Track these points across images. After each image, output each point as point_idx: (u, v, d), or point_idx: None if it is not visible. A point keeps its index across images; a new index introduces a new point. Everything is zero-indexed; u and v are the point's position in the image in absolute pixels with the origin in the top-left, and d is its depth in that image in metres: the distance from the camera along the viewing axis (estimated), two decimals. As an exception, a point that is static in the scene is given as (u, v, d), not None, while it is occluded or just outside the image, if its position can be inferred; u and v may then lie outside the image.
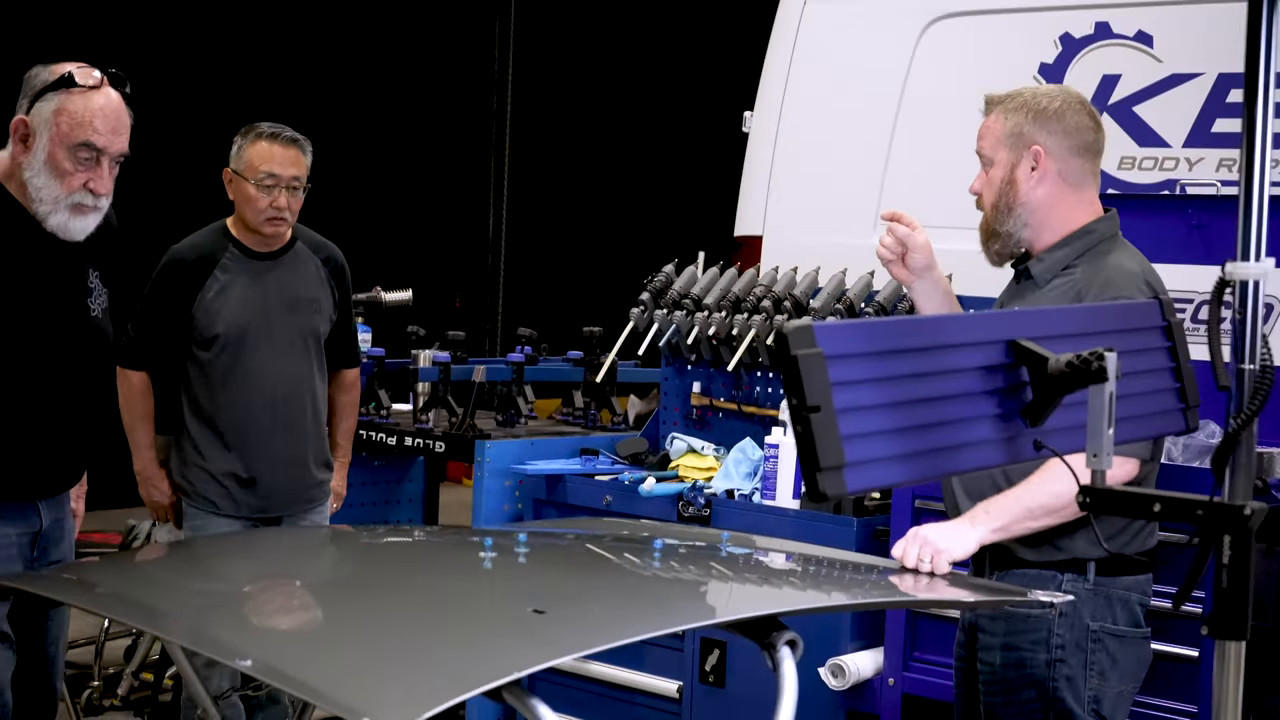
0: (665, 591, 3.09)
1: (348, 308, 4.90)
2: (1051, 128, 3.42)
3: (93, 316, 3.72)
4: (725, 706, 4.58)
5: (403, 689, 2.23)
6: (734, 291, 5.09)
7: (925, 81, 5.88)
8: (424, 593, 3.02)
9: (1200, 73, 5.33)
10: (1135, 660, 3.41)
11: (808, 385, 2.11)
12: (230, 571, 3.38)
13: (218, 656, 2.45)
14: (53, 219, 3.55)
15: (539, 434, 5.46)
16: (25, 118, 3.52)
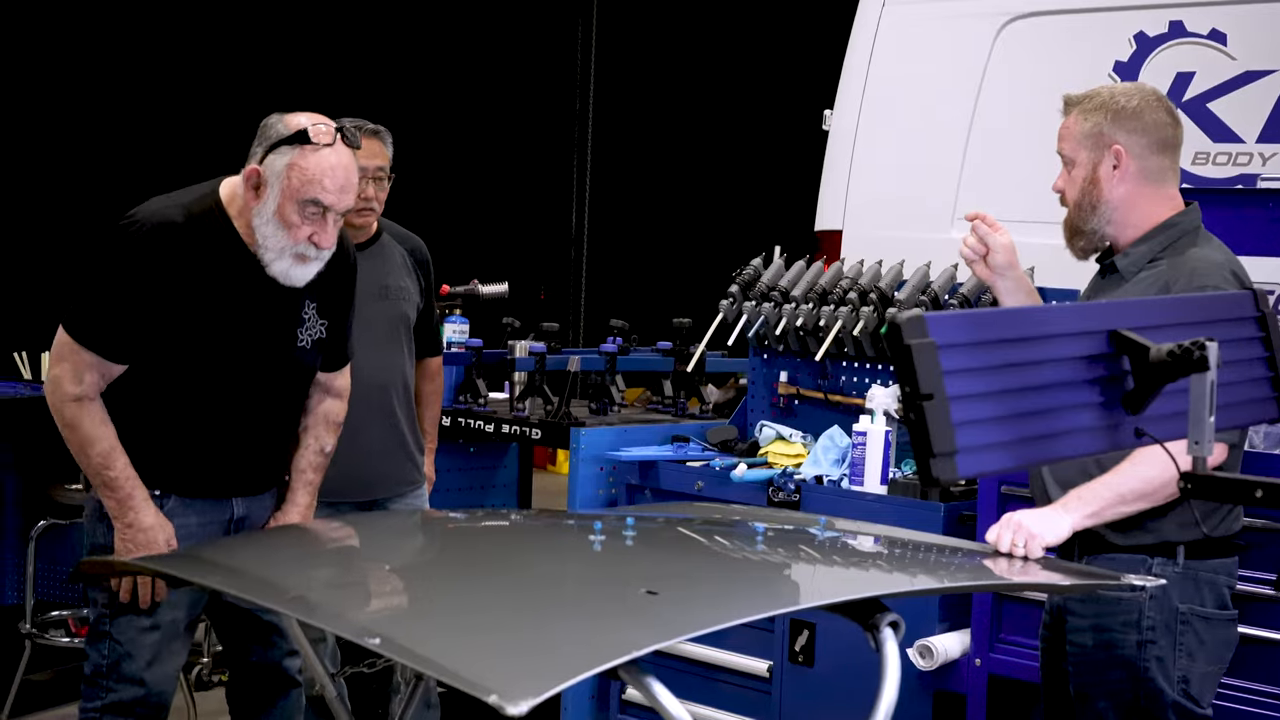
0: (771, 574, 3.10)
1: (431, 297, 4.91)
2: (1130, 126, 3.40)
3: (299, 346, 3.74)
4: (814, 686, 4.58)
5: (526, 667, 2.25)
6: (820, 284, 5.08)
7: (1002, 79, 5.87)
8: (539, 575, 3.03)
9: (1273, 70, 5.31)
10: (1222, 642, 3.39)
11: (921, 374, 2.12)
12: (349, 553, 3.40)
13: (348, 634, 2.46)
14: (275, 266, 3.56)
15: (630, 422, 5.47)
16: (259, 168, 3.52)
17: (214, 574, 2.97)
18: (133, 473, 3.56)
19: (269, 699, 4.00)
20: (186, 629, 3.77)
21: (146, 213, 3.58)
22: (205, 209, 3.61)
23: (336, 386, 3.97)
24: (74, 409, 3.52)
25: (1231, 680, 3.75)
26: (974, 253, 3.58)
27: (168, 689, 3.76)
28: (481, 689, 2.12)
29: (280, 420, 3.83)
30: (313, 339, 3.77)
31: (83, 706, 3.74)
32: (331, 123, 3.60)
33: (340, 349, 3.93)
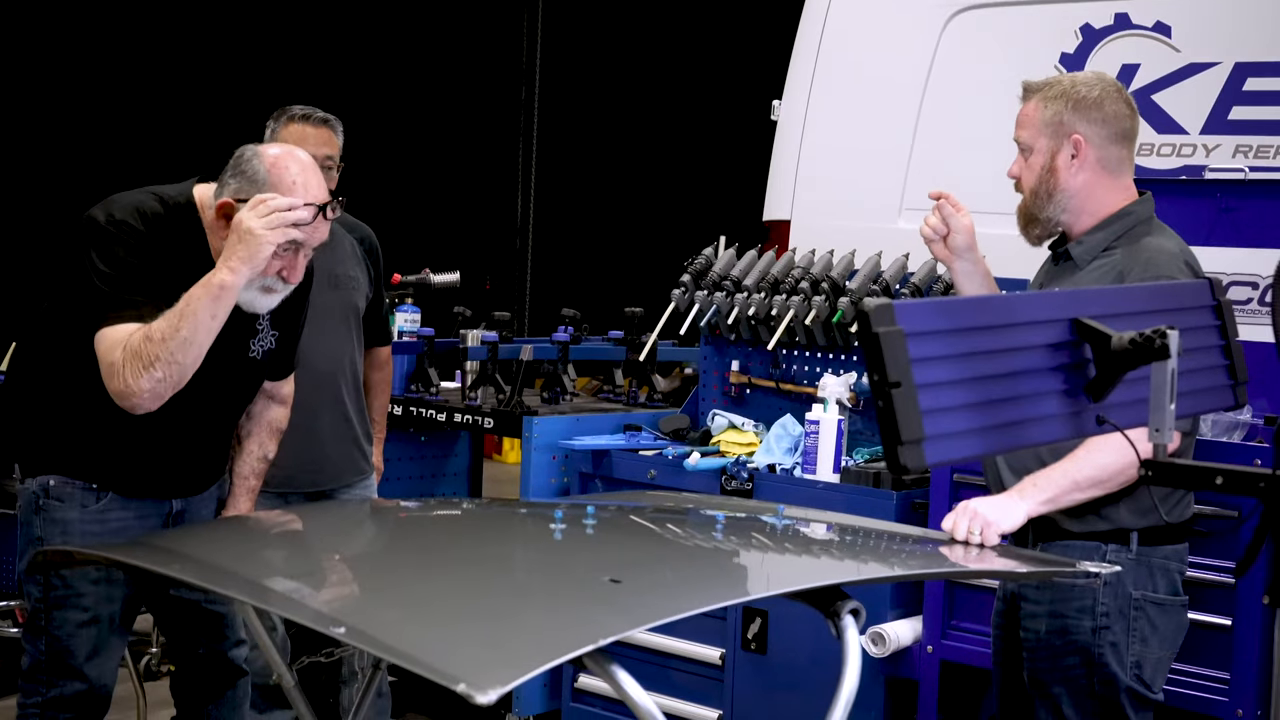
0: (733, 561, 3.10)
1: (380, 287, 4.89)
2: (1091, 116, 3.41)
3: (250, 356, 3.70)
4: (767, 673, 4.60)
5: (494, 655, 2.24)
6: (772, 273, 5.10)
7: (949, 71, 5.89)
8: (500, 563, 3.03)
9: (1218, 62, 5.34)
10: (1174, 627, 3.41)
11: (889, 361, 2.11)
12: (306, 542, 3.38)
13: (313, 624, 2.44)
14: (241, 295, 3.47)
15: (583, 410, 5.47)
16: (231, 200, 3.45)
17: (174, 563, 2.94)
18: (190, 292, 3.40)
19: (217, 689, 3.96)
20: (124, 621, 3.74)
21: (123, 204, 3.52)
22: (179, 206, 3.56)
23: (282, 394, 3.94)
24: (149, 375, 3.36)
25: (1181, 665, 3.78)
26: (935, 233, 3.58)
27: (109, 681, 3.73)
28: (449, 678, 2.11)
29: (224, 425, 3.81)
30: (264, 349, 3.74)
31: (21, 703, 3.71)
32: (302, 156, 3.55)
33: (288, 358, 3.90)
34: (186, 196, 3.58)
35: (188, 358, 3.37)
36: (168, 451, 3.68)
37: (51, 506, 3.62)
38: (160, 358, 3.34)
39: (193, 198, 3.58)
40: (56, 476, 3.64)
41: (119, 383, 3.37)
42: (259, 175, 3.47)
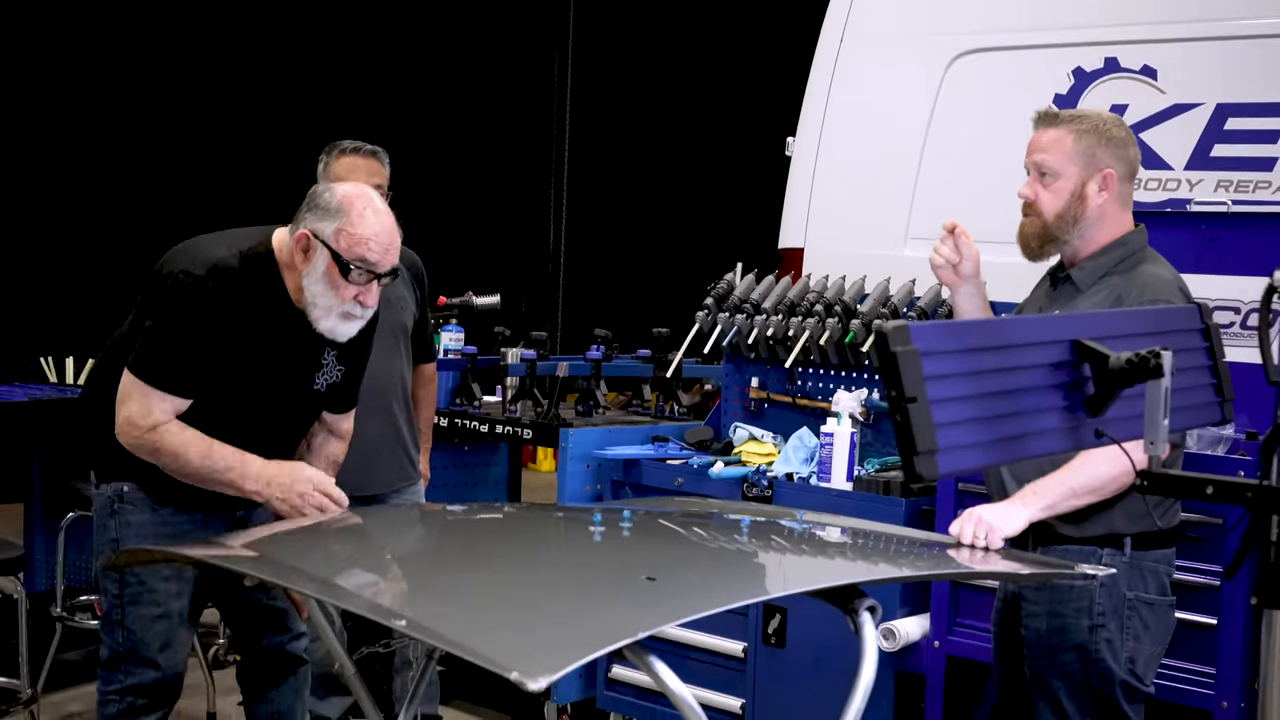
0: (758, 562, 3.12)
1: (426, 308, 4.91)
2: (1119, 154, 3.42)
3: (314, 389, 3.73)
4: (785, 665, 4.60)
5: (543, 646, 2.26)
6: (789, 297, 5.11)
7: (951, 110, 5.90)
8: (545, 562, 3.05)
9: (1201, 103, 5.35)
10: (1164, 625, 3.42)
11: (905, 379, 2.13)
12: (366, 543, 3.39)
13: (377, 617, 2.46)
14: (323, 323, 3.53)
15: (614, 423, 5.48)
16: (308, 232, 3.48)
17: (247, 561, 2.96)
18: (233, 451, 3.51)
19: (278, 677, 4.00)
20: (193, 615, 3.77)
21: (206, 258, 3.54)
22: (258, 257, 3.58)
23: (341, 429, 3.94)
24: (151, 437, 3.48)
25: (1170, 660, 3.78)
26: (946, 260, 3.59)
27: (181, 670, 3.76)
28: (503, 667, 2.13)
29: (285, 448, 3.81)
30: (327, 383, 3.76)
31: (101, 690, 3.75)
32: (371, 192, 3.59)
33: (351, 393, 3.89)
34: (265, 245, 3.60)
35: (179, 473, 3.53)
36: None
37: (125, 510, 3.66)
38: (158, 458, 3.51)
39: (270, 245, 3.60)
40: (130, 483, 3.67)
41: (119, 429, 3.52)
42: (331, 205, 3.51)
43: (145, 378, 3.50)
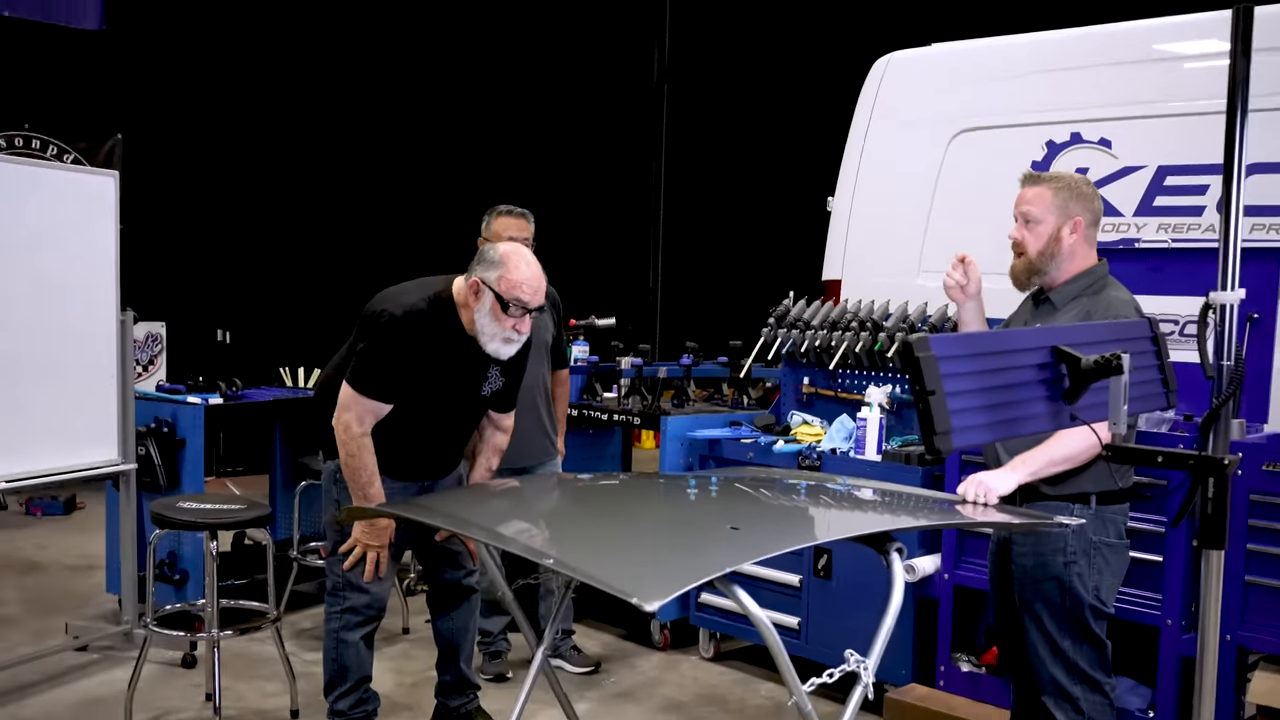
0: (814, 514, 3.11)
1: (561, 328, 4.93)
2: (1087, 205, 3.37)
3: (481, 394, 3.77)
4: (831, 593, 4.59)
5: (655, 578, 2.27)
6: (831, 316, 5.09)
7: (953, 173, 5.87)
8: (653, 515, 3.06)
9: (1145, 165, 5.29)
10: (1121, 562, 3.37)
11: (927, 377, 2.13)
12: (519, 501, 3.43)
13: (531, 556, 2.49)
14: (490, 345, 3.59)
15: (700, 412, 5.48)
16: (478, 280, 3.55)
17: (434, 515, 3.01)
18: (369, 480, 3.61)
19: (456, 602, 4.04)
20: (395, 555, 3.82)
21: (402, 303, 3.61)
22: (441, 300, 3.64)
23: (504, 425, 3.96)
24: (359, 443, 3.58)
25: (1127, 589, 3.74)
26: (957, 283, 3.55)
27: (385, 596, 3.82)
28: (626, 593, 2.15)
29: (459, 436, 3.88)
30: (492, 390, 3.80)
31: (328, 610, 3.83)
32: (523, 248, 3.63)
33: (510, 397, 3.91)
34: (446, 291, 3.65)
35: (344, 464, 3.65)
36: (420, 452, 3.78)
37: (344, 480, 3.72)
38: (344, 449, 3.63)
39: (450, 290, 3.66)
40: None
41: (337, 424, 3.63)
42: (495, 259, 3.57)
43: (358, 388, 3.58)
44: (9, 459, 4.42)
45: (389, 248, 10.10)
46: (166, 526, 4.15)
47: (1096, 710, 3.34)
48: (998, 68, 5.87)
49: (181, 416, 5.28)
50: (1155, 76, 5.31)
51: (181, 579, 5.20)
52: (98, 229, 4.75)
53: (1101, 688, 3.35)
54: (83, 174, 4.99)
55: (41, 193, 4.55)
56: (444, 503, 3.25)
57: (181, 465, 5.25)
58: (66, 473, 4.65)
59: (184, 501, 4.30)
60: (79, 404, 4.69)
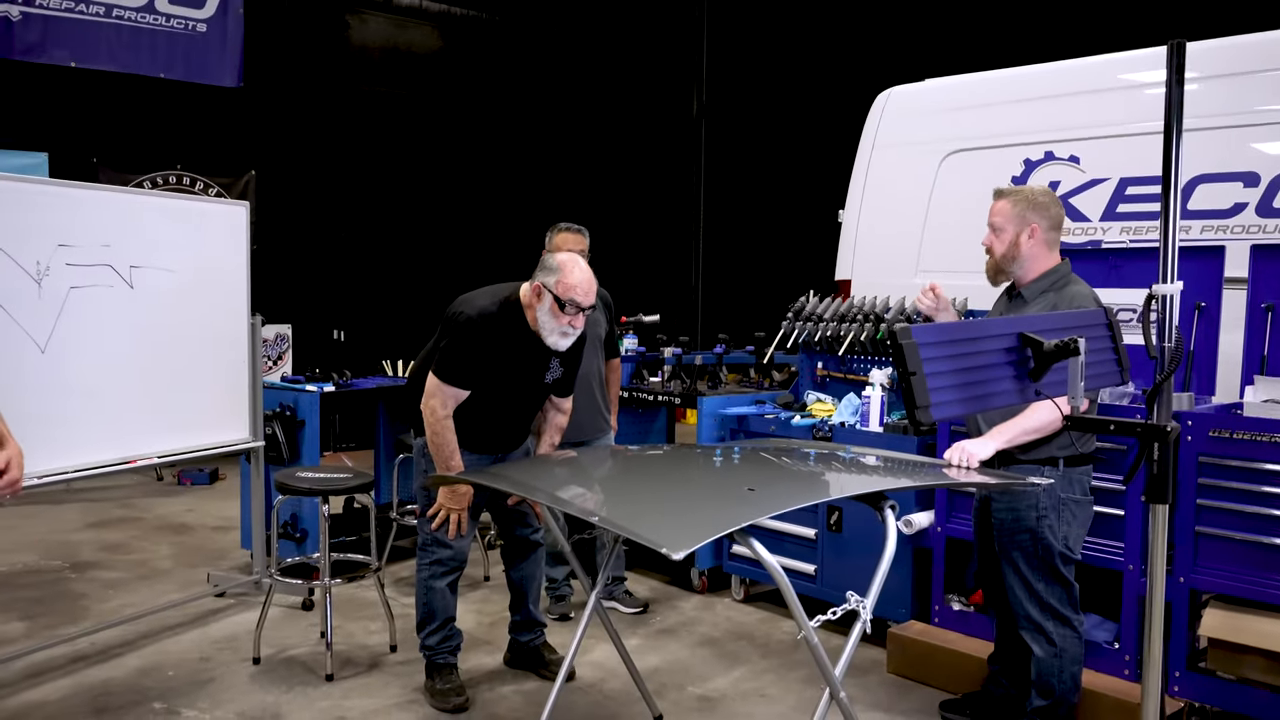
0: (821, 477, 3.08)
1: (613, 324, 4.91)
2: (1042, 213, 3.32)
3: (544, 381, 3.78)
4: (842, 544, 4.56)
5: (682, 530, 2.26)
6: (840, 311, 5.04)
7: (944, 187, 5.81)
8: (684, 479, 3.04)
9: (1108, 178, 5.21)
10: (1086, 515, 3.31)
11: (909, 360, 2.10)
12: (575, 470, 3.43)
13: (582, 515, 2.49)
14: (550, 339, 3.59)
15: (731, 393, 5.45)
16: (539, 284, 3.56)
17: (506, 483, 3.02)
18: (451, 453, 3.61)
19: (524, 554, 4.06)
20: (474, 514, 3.84)
21: (477, 306, 3.62)
22: (509, 303, 3.65)
23: (564, 407, 3.95)
24: (443, 424, 3.60)
25: (1093, 539, 3.67)
26: (930, 306, 3.50)
27: (467, 549, 3.84)
28: (656, 544, 2.15)
29: (527, 416, 3.87)
30: (553, 378, 3.80)
31: (419, 562, 3.85)
32: (578, 257, 3.62)
33: (569, 384, 3.90)
34: (514, 295, 3.66)
35: (429, 439, 3.63)
36: (493, 430, 3.79)
37: (430, 454, 3.73)
38: (430, 428, 3.62)
39: (518, 294, 3.66)
40: None
41: (424, 408, 3.63)
42: (553, 266, 3.57)
43: (441, 378, 3.60)
44: (164, 438, 4.49)
45: (470, 258, 10.17)
46: (287, 493, 4.20)
47: (1066, 641, 3.29)
48: (981, 98, 5.79)
49: (301, 402, 5.34)
50: (1117, 102, 5.21)
51: (302, 537, 5.27)
52: (232, 248, 4.81)
53: (1071, 623, 3.30)
54: (220, 204, 5.06)
55: (187, 220, 4.62)
56: (513, 471, 3.25)
57: (301, 442, 5.32)
58: (208, 449, 4.72)
59: (302, 472, 4.35)
60: (218, 393, 4.76)
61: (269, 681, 4.00)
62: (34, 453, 3.88)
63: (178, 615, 4.76)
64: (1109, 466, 3.64)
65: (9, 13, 7.47)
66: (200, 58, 8.29)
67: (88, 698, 3.83)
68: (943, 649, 3.99)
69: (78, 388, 4.09)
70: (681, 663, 4.25)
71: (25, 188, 3.99)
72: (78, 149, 8.28)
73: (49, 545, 6.07)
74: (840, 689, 2.50)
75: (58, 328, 4.02)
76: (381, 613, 4.57)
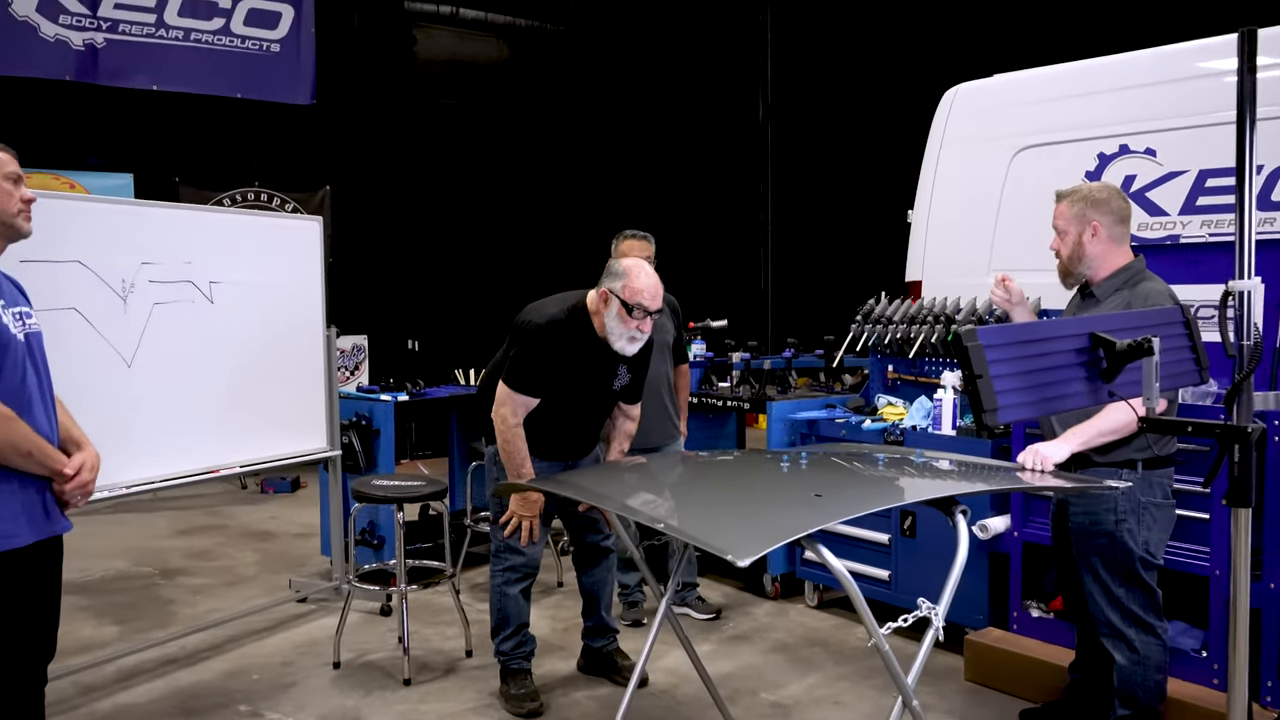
0: (890, 482, 3.05)
1: (681, 330, 4.91)
2: (1102, 209, 3.25)
3: (612, 388, 3.80)
4: (916, 549, 4.50)
5: (748, 538, 2.26)
6: (910, 312, 4.99)
7: (1016, 184, 5.70)
8: (752, 485, 3.03)
9: (1187, 170, 5.07)
10: (1167, 519, 3.22)
11: (974, 363, 2.07)
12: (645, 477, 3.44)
13: (649, 523, 2.50)
14: (618, 344, 3.62)
15: (801, 397, 5.42)
16: (606, 290, 3.58)
17: (574, 491, 3.04)
18: (521, 460, 3.64)
19: (596, 560, 4.09)
20: (545, 521, 3.86)
21: (545, 314, 3.65)
22: (577, 310, 3.68)
23: (633, 414, 3.97)
24: (514, 432, 3.64)
25: (1178, 544, 3.58)
26: (1003, 299, 3.46)
27: (539, 556, 3.87)
28: (721, 550, 2.15)
29: (596, 424, 3.89)
30: (621, 384, 3.82)
31: (492, 568, 3.89)
32: (644, 262, 3.63)
33: (637, 391, 3.91)
34: (582, 302, 3.69)
35: (500, 448, 3.66)
36: (563, 437, 3.81)
37: (502, 461, 3.77)
38: (501, 437, 3.64)
39: (585, 300, 3.69)
40: None
41: (495, 417, 3.65)
42: (619, 272, 3.59)
43: (511, 386, 3.63)
44: (244, 448, 4.62)
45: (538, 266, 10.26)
46: (363, 500, 4.29)
47: (1149, 649, 3.21)
48: (1052, 91, 5.67)
49: (376, 411, 5.44)
50: (1195, 91, 5.07)
51: (379, 544, 5.37)
52: (306, 262, 4.93)
53: (1154, 629, 3.21)
54: (295, 220, 5.19)
55: (264, 236, 4.75)
56: (582, 479, 3.27)
57: (377, 451, 5.42)
58: (287, 459, 4.84)
59: (377, 480, 4.44)
60: (296, 403, 4.88)
61: (348, 685, 4.08)
62: (122, 463, 4.03)
63: (262, 620, 4.89)
64: (1193, 469, 3.55)
65: (94, 40, 7.76)
66: (274, 77, 8.51)
67: (176, 700, 3.95)
68: (1021, 656, 3.91)
69: (162, 400, 4.23)
70: (754, 669, 4.24)
71: (111, 209, 4.15)
72: (161, 169, 8.55)
73: (140, 552, 6.27)
74: (913, 696, 2.47)
75: (143, 342, 4.16)
76: (457, 618, 4.63)
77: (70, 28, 7.67)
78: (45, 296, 3.73)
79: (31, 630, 2.52)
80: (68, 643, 4.52)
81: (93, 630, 4.79)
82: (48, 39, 7.60)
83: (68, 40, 7.66)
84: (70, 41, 7.67)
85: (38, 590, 2.53)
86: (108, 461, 3.79)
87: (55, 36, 7.62)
